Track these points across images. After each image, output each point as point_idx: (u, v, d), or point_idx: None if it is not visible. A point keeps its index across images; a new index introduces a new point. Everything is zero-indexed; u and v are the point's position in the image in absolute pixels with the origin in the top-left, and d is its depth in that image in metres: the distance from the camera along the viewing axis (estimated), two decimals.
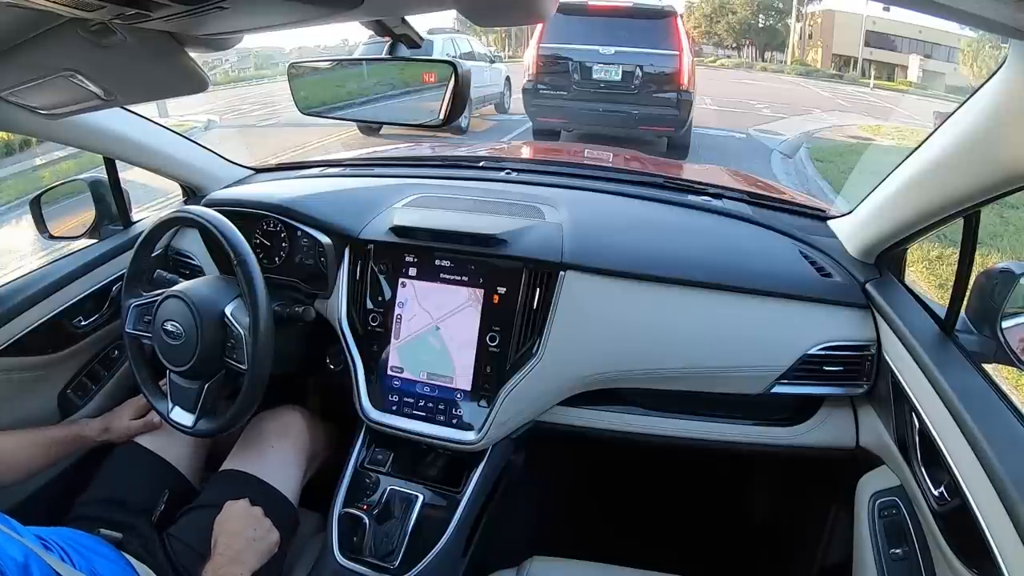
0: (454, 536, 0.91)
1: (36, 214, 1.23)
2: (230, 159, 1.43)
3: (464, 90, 0.66)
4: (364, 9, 0.50)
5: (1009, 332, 0.78)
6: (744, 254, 1.02)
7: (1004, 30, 0.50)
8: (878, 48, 23.41)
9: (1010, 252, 3.86)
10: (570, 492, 1.41)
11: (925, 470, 0.76)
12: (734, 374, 0.94)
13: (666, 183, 1.26)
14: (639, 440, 1.01)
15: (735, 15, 28.24)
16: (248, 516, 0.91)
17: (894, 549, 0.81)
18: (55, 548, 0.74)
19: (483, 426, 0.95)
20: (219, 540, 0.87)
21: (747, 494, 1.41)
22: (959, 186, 0.70)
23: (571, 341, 0.95)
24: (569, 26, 5.34)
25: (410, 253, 1.03)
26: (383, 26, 0.60)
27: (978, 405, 0.68)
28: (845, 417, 0.98)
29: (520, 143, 5.20)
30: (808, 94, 14.56)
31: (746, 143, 7.33)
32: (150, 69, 0.66)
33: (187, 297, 0.96)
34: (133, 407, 1.09)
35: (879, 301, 0.90)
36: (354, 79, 0.79)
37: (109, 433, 1.06)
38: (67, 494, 0.99)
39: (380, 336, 1.03)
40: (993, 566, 0.59)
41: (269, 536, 0.91)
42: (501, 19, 0.56)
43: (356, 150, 1.89)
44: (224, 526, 0.89)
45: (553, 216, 1.05)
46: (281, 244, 1.15)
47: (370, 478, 0.99)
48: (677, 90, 5.21)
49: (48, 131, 1.05)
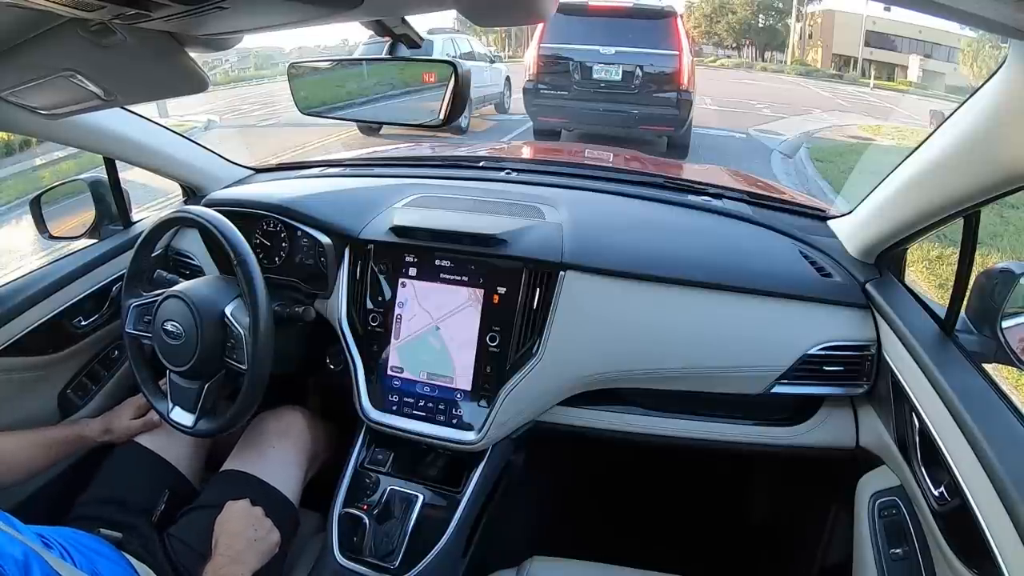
0: (454, 536, 0.91)
1: (36, 214, 1.23)
2: (230, 159, 1.43)
3: (464, 90, 0.66)
4: (364, 9, 0.50)
5: (1009, 332, 0.78)
6: (744, 254, 1.02)
7: (1004, 30, 0.50)
8: (878, 48, 23.41)
9: (1010, 252, 3.86)
10: (570, 492, 1.41)
11: (925, 470, 0.76)
12: (734, 374, 0.94)
13: (666, 183, 1.26)
14: (639, 440, 1.01)
15: (735, 15, 28.24)
16: (249, 516, 0.91)
17: (894, 549, 0.81)
18: (55, 547, 0.74)
19: (483, 426, 0.95)
20: (220, 540, 0.87)
21: (747, 494, 1.41)
22: (959, 186, 0.70)
23: (571, 341, 0.95)
24: (570, 26, 5.35)
25: (410, 253, 1.03)
26: (383, 26, 0.60)
27: (978, 405, 0.68)
28: (845, 417, 0.98)
29: (520, 143, 5.19)
30: (808, 94, 14.56)
31: (746, 143, 7.33)
32: (150, 69, 0.66)
33: (187, 297, 0.96)
34: (133, 407, 1.09)
35: (879, 301, 0.90)
36: (354, 79, 0.79)
37: (110, 433, 1.06)
38: (67, 494, 0.99)
39: (380, 336, 1.03)
40: (993, 566, 0.59)
41: (270, 537, 0.91)
42: (501, 19, 0.56)
43: (356, 150, 1.89)
44: (225, 526, 0.89)
45: (553, 216, 1.05)
46: (281, 244, 1.15)
47: (370, 478, 0.98)
48: (677, 90, 5.23)
49: (48, 131, 1.05)
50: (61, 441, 1.04)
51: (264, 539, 0.90)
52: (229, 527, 0.89)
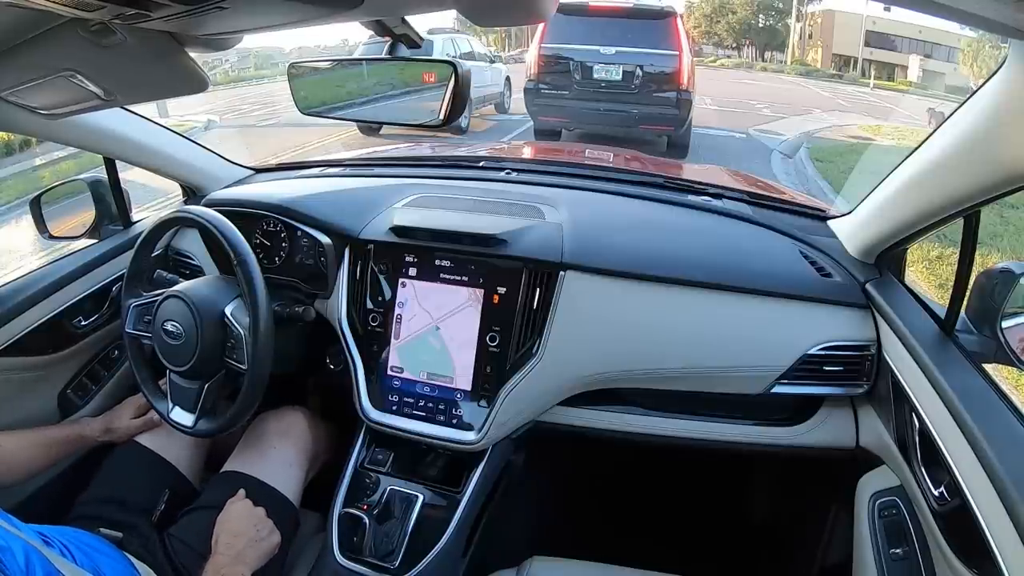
0: (454, 536, 0.91)
1: (36, 214, 1.23)
2: (230, 159, 1.43)
3: (464, 90, 0.66)
4: (364, 9, 0.50)
5: (1009, 332, 0.78)
6: (744, 254, 1.02)
7: (1004, 30, 0.50)
8: (878, 48, 23.40)
9: (1010, 252, 3.86)
10: (570, 492, 1.41)
11: (925, 470, 0.76)
12: (734, 374, 0.94)
13: (666, 183, 1.26)
14: (639, 440, 1.01)
15: (735, 15, 28.23)
16: (250, 516, 0.91)
17: (894, 549, 0.81)
18: (56, 545, 0.74)
19: (483, 426, 0.95)
20: (220, 539, 0.87)
21: (747, 494, 1.41)
22: (959, 186, 0.70)
23: (571, 341, 0.95)
24: (570, 26, 5.38)
25: (410, 253, 1.03)
26: (383, 26, 0.60)
27: (978, 405, 0.68)
28: (845, 417, 0.98)
29: (520, 143, 5.20)
30: (808, 94, 14.55)
31: (746, 143, 7.33)
32: (150, 69, 0.66)
33: (187, 297, 0.96)
34: (133, 406, 1.09)
35: (879, 301, 0.90)
36: (354, 79, 0.79)
37: (110, 433, 1.06)
38: (67, 494, 0.99)
39: (380, 336, 1.03)
40: (993, 566, 0.59)
41: (271, 537, 0.91)
42: (501, 19, 0.56)
43: (356, 150, 1.89)
44: (226, 525, 0.89)
45: (553, 216, 1.05)
46: (281, 244, 1.15)
47: (370, 478, 0.98)
48: (677, 90, 5.25)
49: (48, 131, 1.05)
50: (61, 441, 1.04)
51: (265, 540, 0.90)
52: (230, 526, 0.89)
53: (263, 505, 0.94)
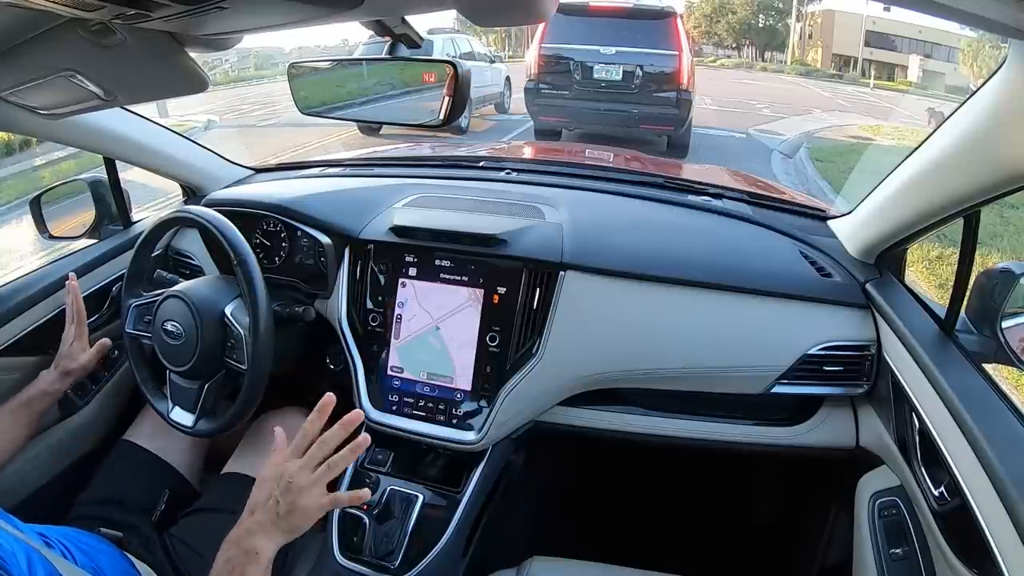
0: (454, 536, 0.91)
1: (36, 214, 1.23)
2: (230, 159, 1.43)
3: (464, 90, 0.66)
4: (364, 9, 0.50)
5: (1009, 332, 0.78)
6: (744, 254, 1.02)
7: (1004, 30, 0.50)
8: (878, 48, 23.40)
9: (1010, 252, 3.86)
10: (570, 492, 1.41)
11: (925, 470, 0.76)
12: (734, 374, 0.94)
13: (666, 183, 1.26)
14: (639, 440, 1.01)
15: (735, 15, 28.22)
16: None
17: (894, 549, 0.81)
18: (57, 546, 0.74)
19: (483, 426, 0.95)
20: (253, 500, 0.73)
21: (747, 494, 1.41)
22: (959, 186, 0.70)
23: (571, 341, 0.95)
24: (570, 26, 5.39)
25: (410, 253, 1.03)
26: (383, 26, 0.60)
27: (978, 405, 0.68)
28: (845, 417, 0.98)
29: (520, 143, 5.20)
30: (808, 94, 14.55)
31: (746, 143, 7.33)
32: (150, 69, 0.66)
33: (187, 297, 0.96)
34: (81, 340, 1.02)
35: (879, 301, 0.90)
36: (354, 79, 0.79)
37: (69, 376, 1.01)
38: (67, 494, 0.99)
39: (380, 336, 1.03)
40: (993, 566, 0.59)
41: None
42: (501, 19, 0.56)
43: (356, 150, 1.89)
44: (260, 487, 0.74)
45: (553, 216, 1.05)
46: (281, 244, 1.15)
47: (370, 478, 0.98)
48: (677, 89, 5.26)
49: (48, 131, 1.05)
50: (25, 403, 0.97)
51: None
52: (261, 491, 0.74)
53: None
